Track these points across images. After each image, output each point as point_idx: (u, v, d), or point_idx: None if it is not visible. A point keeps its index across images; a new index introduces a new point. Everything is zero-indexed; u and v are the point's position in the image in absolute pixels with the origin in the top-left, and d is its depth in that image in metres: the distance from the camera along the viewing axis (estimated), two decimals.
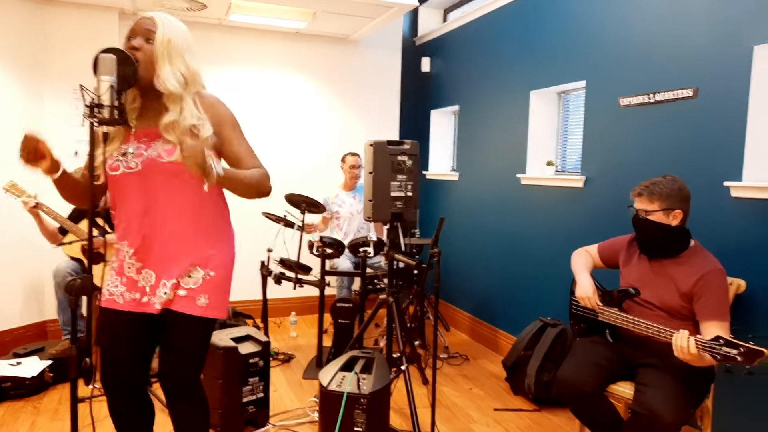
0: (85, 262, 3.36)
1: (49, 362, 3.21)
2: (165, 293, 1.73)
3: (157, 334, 1.81)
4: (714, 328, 2.01)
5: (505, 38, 4.06)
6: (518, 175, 3.85)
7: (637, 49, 2.94)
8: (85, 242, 3.35)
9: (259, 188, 1.76)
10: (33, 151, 1.59)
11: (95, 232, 1.64)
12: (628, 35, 3.00)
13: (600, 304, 2.31)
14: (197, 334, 1.78)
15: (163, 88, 1.67)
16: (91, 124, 1.52)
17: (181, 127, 1.67)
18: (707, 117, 2.56)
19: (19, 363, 3.18)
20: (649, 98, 2.84)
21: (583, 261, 2.50)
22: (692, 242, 2.23)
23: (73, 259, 3.49)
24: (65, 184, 1.74)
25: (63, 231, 3.41)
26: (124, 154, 1.71)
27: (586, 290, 2.34)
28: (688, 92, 2.65)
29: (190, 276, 1.74)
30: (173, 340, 1.77)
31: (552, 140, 3.83)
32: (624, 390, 2.20)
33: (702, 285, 2.09)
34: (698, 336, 1.91)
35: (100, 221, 3.27)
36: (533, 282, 3.74)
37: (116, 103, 1.53)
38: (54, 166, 1.65)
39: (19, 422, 2.81)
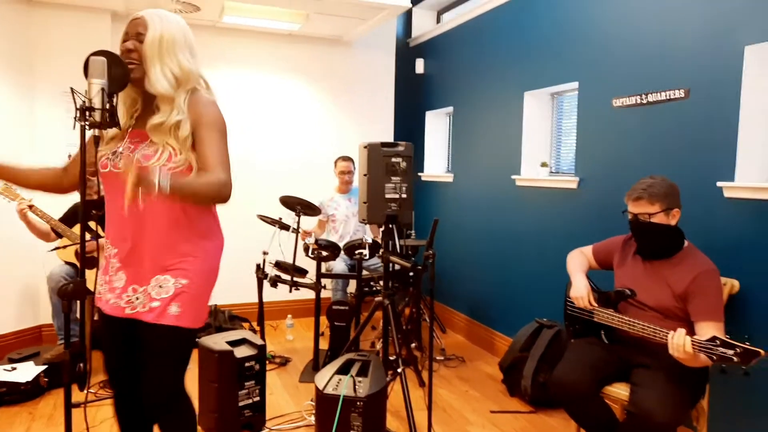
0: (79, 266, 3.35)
1: (44, 367, 3.19)
2: (137, 298, 1.70)
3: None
4: (709, 329, 2.02)
5: (499, 39, 4.07)
6: (513, 177, 3.86)
7: (629, 50, 2.95)
8: (78, 246, 3.34)
9: (211, 197, 1.65)
10: None
11: (87, 236, 1.63)
12: (620, 36, 3.01)
13: (594, 304, 2.31)
14: (172, 345, 1.71)
15: (153, 90, 1.65)
16: (82, 127, 1.51)
17: (166, 127, 1.64)
18: (699, 118, 2.57)
19: (14, 368, 3.17)
20: (642, 99, 2.85)
21: (578, 262, 2.51)
22: (686, 243, 2.23)
23: (67, 263, 3.47)
24: (22, 184, 1.81)
25: (56, 231, 3.40)
26: (114, 153, 1.70)
27: (580, 291, 2.34)
28: (680, 93, 2.65)
29: (161, 286, 1.69)
30: (149, 354, 1.71)
31: (546, 141, 3.84)
32: (619, 391, 2.20)
33: (696, 285, 2.10)
34: (695, 336, 1.91)
35: (92, 224, 3.26)
36: (528, 283, 3.74)
37: (107, 106, 1.51)
38: None
39: (14, 428, 2.79)
